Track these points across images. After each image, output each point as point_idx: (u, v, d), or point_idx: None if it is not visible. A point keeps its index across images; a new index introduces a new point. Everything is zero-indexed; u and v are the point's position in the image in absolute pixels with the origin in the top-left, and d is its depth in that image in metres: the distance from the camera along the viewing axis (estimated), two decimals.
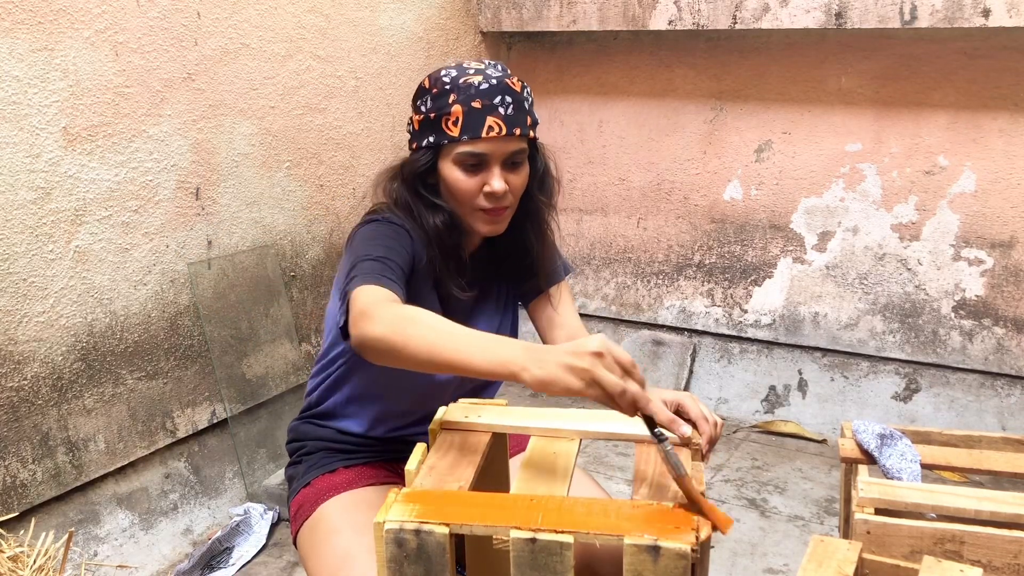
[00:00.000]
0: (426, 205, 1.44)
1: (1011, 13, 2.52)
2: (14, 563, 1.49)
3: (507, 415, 1.32)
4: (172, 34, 2.23)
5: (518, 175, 1.44)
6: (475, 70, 1.40)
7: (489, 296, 1.59)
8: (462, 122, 1.36)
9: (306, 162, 2.71)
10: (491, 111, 1.36)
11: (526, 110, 1.41)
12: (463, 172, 1.40)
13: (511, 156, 1.40)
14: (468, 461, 1.18)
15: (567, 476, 1.16)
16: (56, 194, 2.03)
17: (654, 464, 1.18)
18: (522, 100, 1.40)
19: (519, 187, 1.45)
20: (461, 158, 1.39)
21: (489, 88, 1.37)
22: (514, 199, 1.45)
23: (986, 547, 1.41)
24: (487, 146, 1.37)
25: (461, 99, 1.36)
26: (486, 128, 1.36)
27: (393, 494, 1.06)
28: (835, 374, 3.12)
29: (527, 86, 1.44)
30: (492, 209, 1.42)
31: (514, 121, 1.38)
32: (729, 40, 3.11)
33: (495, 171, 1.39)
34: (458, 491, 1.10)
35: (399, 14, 2.97)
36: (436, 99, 1.39)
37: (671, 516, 1.00)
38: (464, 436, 1.26)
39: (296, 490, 1.58)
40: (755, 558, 2.29)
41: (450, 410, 1.33)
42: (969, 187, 2.85)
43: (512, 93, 1.39)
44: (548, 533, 0.97)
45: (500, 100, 1.37)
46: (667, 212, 3.35)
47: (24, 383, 2.01)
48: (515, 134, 1.38)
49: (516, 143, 1.40)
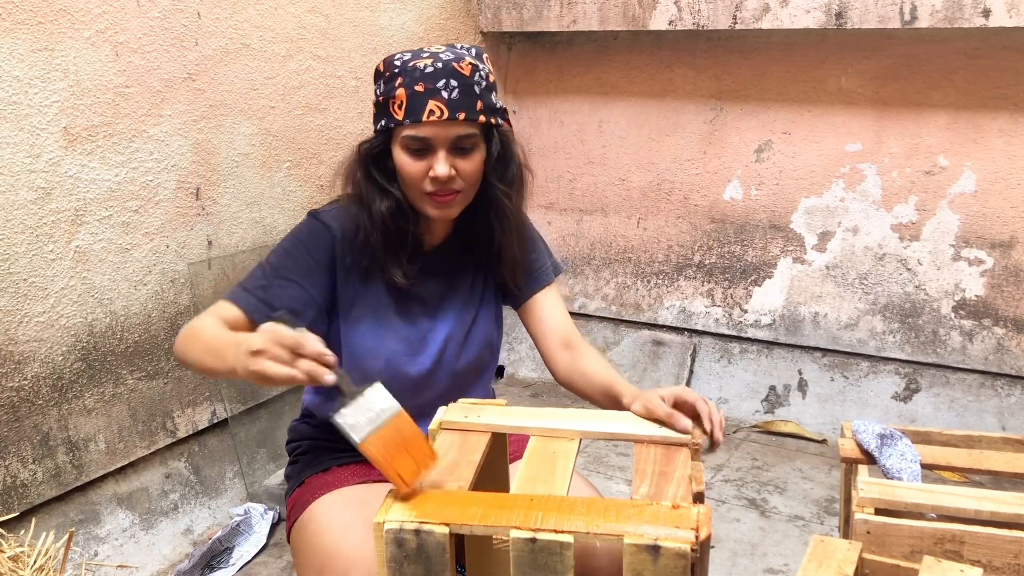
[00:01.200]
0: (378, 189, 1.43)
1: (1011, 13, 2.52)
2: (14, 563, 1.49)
3: (506, 415, 1.32)
4: (172, 34, 2.24)
5: (468, 160, 1.40)
6: (429, 54, 1.38)
7: (459, 289, 1.56)
8: (405, 106, 1.35)
9: (306, 162, 2.71)
10: (433, 95, 1.34)
11: (476, 94, 1.37)
12: (409, 156, 1.38)
13: (457, 141, 1.37)
14: (468, 461, 1.18)
15: (567, 476, 1.16)
16: (56, 194, 2.03)
17: (653, 463, 1.18)
18: (471, 84, 1.36)
19: (470, 173, 1.40)
20: (406, 142, 1.37)
21: (433, 72, 1.34)
22: (465, 184, 1.41)
23: (986, 547, 1.41)
24: (429, 130, 1.35)
25: (406, 82, 1.35)
26: (427, 112, 1.33)
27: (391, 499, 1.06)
28: (835, 374, 3.12)
29: (486, 71, 1.39)
30: (440, 193, 1.39)
31: (458, 105, 1.35)
32: (729, 40, 3.11)
33: (440, 156, 1.37)
34: (458, 491, 1.10)
35: (399, 14, 2.97)
36: (387, 82, 1.39)
37: (670, 516, 1.00)
38: (464, 436, 1.26)
39: (291, 489, 1.60)
40: (755, 558, 2.29)
41: (450, 410, 1.33)
42: (969, 187, 2.85)
43: (458, 76, 1.35)
44: (548, 533, 0.97)
45: (444, 84, 1.34)
46: (667, 212, 3.35)
47: (24, 383, 2.02)
48: (458, 118, 1.35)
49: (461, 127, 1.36)
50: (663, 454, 1.21)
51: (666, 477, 1.14)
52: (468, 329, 1.57)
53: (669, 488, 1.11)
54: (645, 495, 1.10)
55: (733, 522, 2.47)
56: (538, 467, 1.18)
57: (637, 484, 1.13)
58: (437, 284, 1.53)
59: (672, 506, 1.02)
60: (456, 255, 1.55)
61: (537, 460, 1.20)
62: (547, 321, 1.59)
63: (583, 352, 1.54)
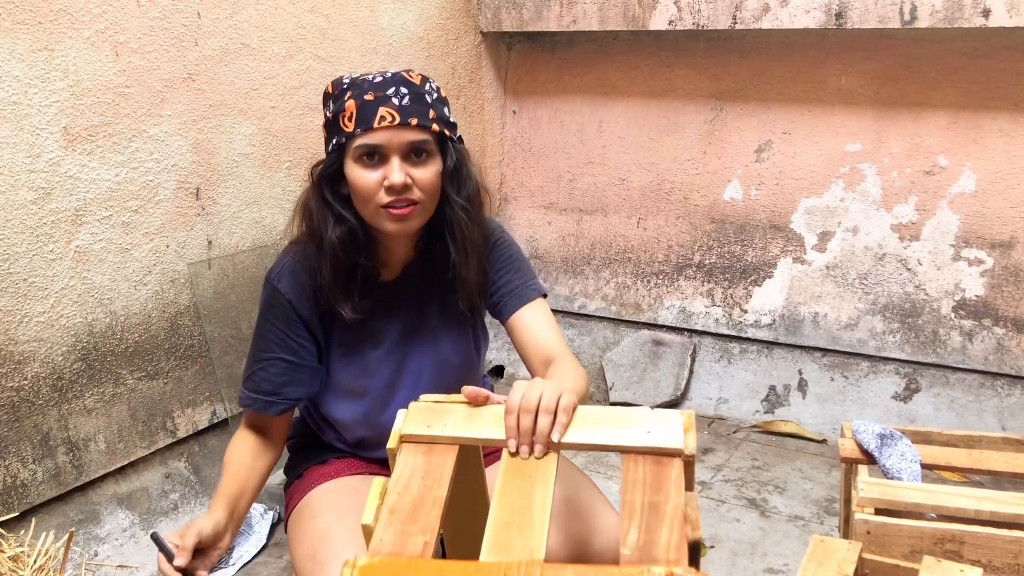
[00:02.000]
0: (332, 214, 1.40)
1: (1011, 13, 2.52)
2: (14, 563, 1.49)
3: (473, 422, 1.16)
4: (172, 34, 2.24)
5: (423, 168, 1.36)
6: (378, 71, 1.39)
7: (429, 317, 1.52)
8: (356, 115, 1.33)
9: (306, 162, 2.70)
10: (384, 101, 1.33)
11: (428, 103, 1.36)
12: (362, 168, 1.35)
13: (410, 146, 1.35)
14: (433, 499, 1.04)
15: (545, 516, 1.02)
16: (56, 194, 2.03)
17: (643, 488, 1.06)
18: (422, 93, 1.36)
19: (425, 180, 1.37)
20: (358, 152, 1.35)
21: (383, 81, 1.34)
22: (423, 195, 1.37)
23: (986, 547, 1.41)
24: (381, 136, 1.33)
25: (355, 94, 1.34)
26: (378, 118, 1.32)
27: (348, 568, 0.95)
28: (835, 374, 3.12)
29: (435, 84, 1.39)
30: (396, 205, 1.35)
31: (409, 111, 1.33)
32: (729, 40, 3.11)
33: (393, 163, 1.34)
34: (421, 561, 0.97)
35: (399, 14, 2.97)
36: (336, 100, 1.38)
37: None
38: (428, 456, 1.11)
39: (290, 481, 1.62)
40: (755, 558, 2.30)
41: (409, 418, 1.17)
42: (969, 187, 2.85)
43: (408, 84, 1.35)
44: None
45: (394, 91, 1.33)
46: (667, 212, 3.35)
47: (24, 383, 2.02)
48: (410, 123, 1.33)
49: (414, 133, 1.34)
50: (653, 472, 1.08)
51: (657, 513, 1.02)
52: (444, 357, 1.56)
53: (661, 533, 0.99)
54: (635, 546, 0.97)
55: (733, 522, 2.47)
56: (512, 506, 1.03)
57: (625, 526, 1.01)
58: (404, 317, 1.52)
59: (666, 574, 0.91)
60: (419, 285, 1.52)
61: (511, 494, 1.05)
62: (530, 341, 1.53)
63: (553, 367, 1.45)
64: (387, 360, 1.51)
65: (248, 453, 1.49)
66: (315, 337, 1.48)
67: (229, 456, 1.50)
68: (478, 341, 1.62)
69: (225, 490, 1.44)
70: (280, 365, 1.46)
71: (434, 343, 1.54)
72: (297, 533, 1.46)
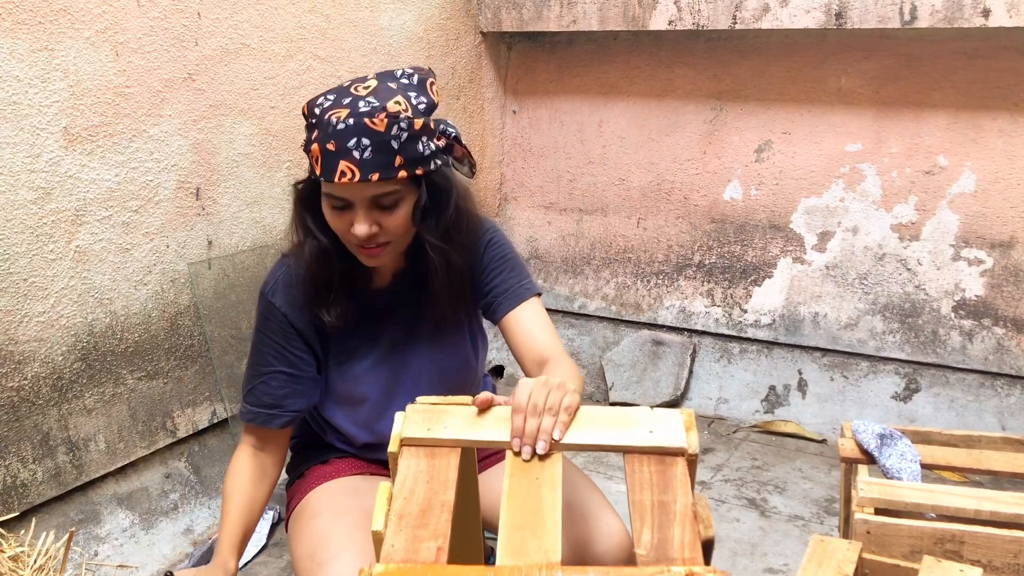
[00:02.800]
0: (307, 231, 1.40)
1: (1011, 13, 2.52)
2: (15, 563, 1.49)
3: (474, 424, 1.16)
4: (172, 34, 2.24)
5: (391, 215, 1.33)
6: (349, 100, 1.29)
7: (423, 321, 1.52)
8: (320, 163, 1.29)
9: (306, 162, 2.70)
10: (344, 154, 1.26)
11: (394, 150, 1.28)
12: (332, 211, 1.34)
13: (375, 199, 1.31)
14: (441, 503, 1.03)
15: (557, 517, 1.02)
16: (56, 194, 2.03)
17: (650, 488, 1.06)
18: (386, 140, 1.27)
19: (393, 226, 1.34)
20: (327, 198, 1.34)
21: (345, 129, 1.26)
22: (391, 237, 1.36)
23: (986, 547, 1.41)
24: (343, 191, 1.30)
25: (320, 137, 1.28)
26: (339, 173, 1.27)
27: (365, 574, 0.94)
28: (835, 374, 3.12)
29: (403, 119, 1.28)
30: (366, 246, 1.35)
31: (370, 166, 1.26)
32: (729, 40, 3.11)
33: (359, 214, 1.31)
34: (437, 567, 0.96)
35: (399, 14, 2.97)
36: (308, 131, 1.34)
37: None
38: (431, 460, 1.10)
39: (291, 481, 1.62)
40: (755, 558, 2.30)
41: (409, 420, 1.17)
42: (969, 187, 2.85)
43: (371, 134, 1.26)
44: None
45: (355, 143, 1.26)
46: (667, 212, 3.35)
47: (24, 383, 2.02)
48: (371, 179, 1.27)
49: (376, 187, 1.29)
50: (658, 472, 1.08)
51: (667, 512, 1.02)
52: (442, 361, 1.56)
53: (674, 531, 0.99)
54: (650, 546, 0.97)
55: (733, 522, 2.47)
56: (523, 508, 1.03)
57: (638, 528, 1.01)
58: (399, 323, 1.51)
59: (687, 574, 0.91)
60: (412, 290, 1.51)
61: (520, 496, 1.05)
62: (524, 342, 1.52)
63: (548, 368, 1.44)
64: (384, 366, 1.51)
65: (249, 482, 1.47)
66: (312, 348, 1.48)
67: (230, 487, 1.47)
68: (476, 343, 1.61)
69: (230, 533, 1.42)
70: (280, 378, 1.46)
71: (431, 348, 1.54)
72: (297, 532, 1.46)
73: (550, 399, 1.16)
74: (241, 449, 1.50)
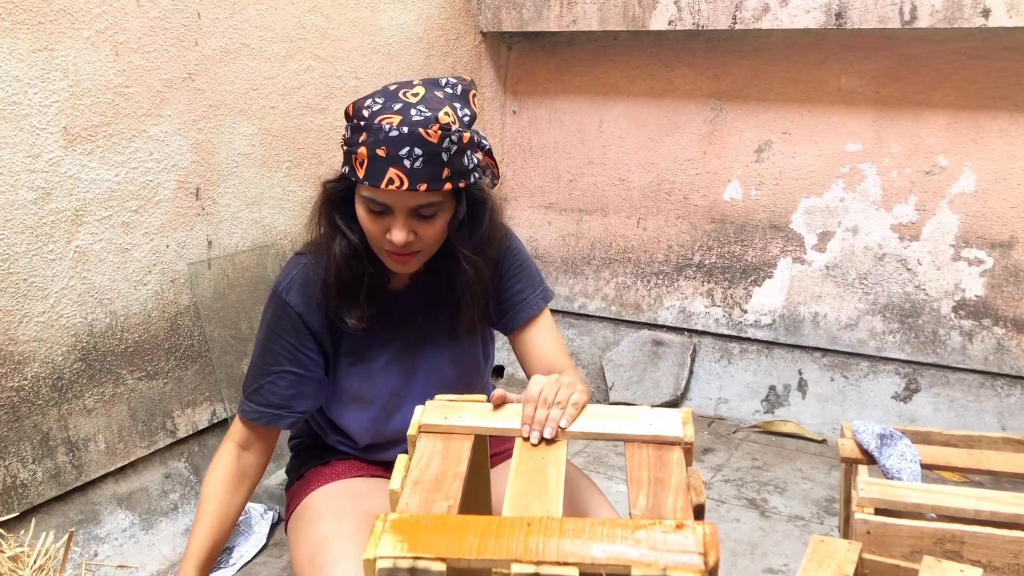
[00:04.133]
0: (338, 232, 1.40)
1: (1011, 13, 2.52)
2: (14, 563, 1.49)
3: (487, 415, 1.26)
4: (172, 34, 2.24)
5: (429, 225, 1.35)
6: (401, 106, 1.30)
7: (438, 326, 1.53)
8: (366, 166, 1.29)
9: (306, 162, 2.71)
10: (395, 162, 1.27)
11: (443, 162, 1.29)
12: (368, 215, 1.34)
13: (416, 208, 1.32)
14: (453, 474, 1.12)
15: (560, 489, 1.10)
16: (56, 194, 2.03)
17: (648, 468, 1.15)
18: (437, 152, 1.28)
19: (429, 236, 1.37)
20: (365, 201, 1.34)
21: (398, 136, 1.26)
22: (425, 245, 1.38)
23: (986, 547, 1.41)
24: (387, 197, 1.30)
25: (369, 141, 1.28)
26: (386, 180, 1.27)
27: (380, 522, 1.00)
28: (835, 374, 3.12)
29: (454, 132, 1.29)
30: (398, 253, 1.36)
31: (420, 176, 1.27)
32: (729, 40, 3.11)
33: (399, 221, 1.32)
34: (448, 515, 1.04)
35: (399, 14, 2.97)
36: (352, 132, 1.33)
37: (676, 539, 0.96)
38: (445, 441, 1.20)
39: (291, 482, 1.62)
40: (755, 558, 2.29)
41: (428, 410, 1.27)
42: (969, 187, 2.85)
43: (424, 144, 1.27)
44: (551, 566, 0.92)
45: (407, 152, 1.27)
46: (667, 212, 3.35)
47: (24, 383, 2.02)
48: (418, 189, 1.28)
49: (421, 197, 1.31)
50: (656, 456, 1.17)
51: (663, 485, 1.10)
52: (452, 365, 1.56)
53: (668, 499, 1.07)
54: (644, 509, 1.05)
55: (733, 522, 2.47)
56: (528, 479, 1.12)
57: (634, 495, 1.09)
58: (413, 326, 1.51)
59: (676, 525, 0.98)
60: (428, 294, 1.52)
61: (526, 471, 1.14)
62: (535, 356, 1.55)
63: None
64: (395, 369, 1.51)
65: (225, 490, 1.45)
66: (323, 349, 1.47)
67: (207, 492, 1.45)
68: (486, 349, 1.62)
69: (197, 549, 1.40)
70: (289, 378, 1.45)
71: (442, 352, 1.54)
72: (297, 535, 1.46)
73: (560, 394, 1.26)
74: (225, 448, 1.48)
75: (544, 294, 1.60)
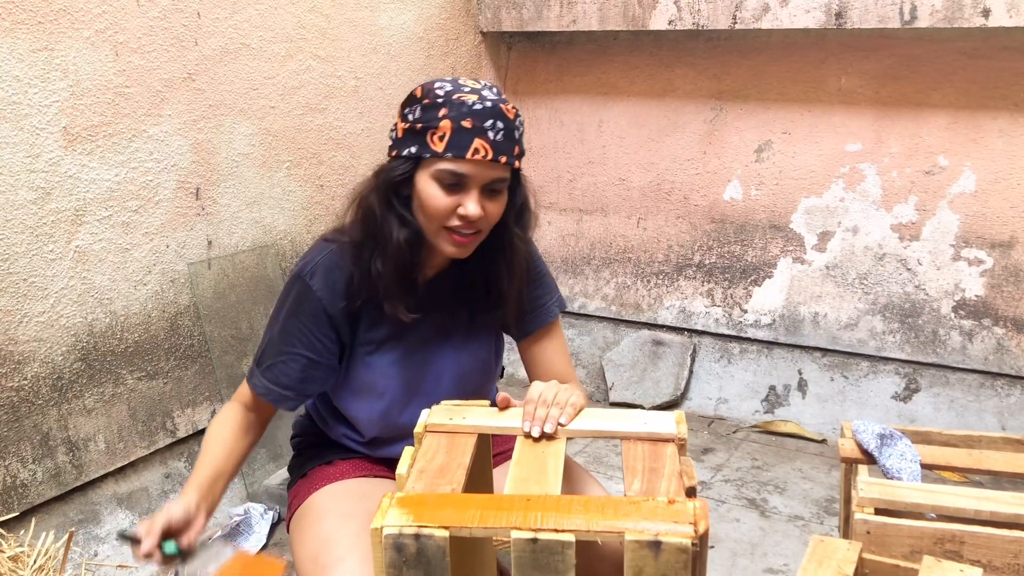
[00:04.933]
0: (396, 217, 1.39)
1: (1011, 13, 2.52)
2: (14, 563, 1.49)
3: (491, 416, 1.32)
4: (172, 34, 2.24)
5: (496, 203, 1.39)
6: (470, 88, 1.35)
7: (456, 322, 1.54)
8: (448, 138, 1.31)
9: (306, 162, 2.71)
10: (480, 133, 1.31)
11: (515, 139, 1.36)
12: (440, 189, 1.35)
13: (492, 183, 1.35)
14: (457, 464, 1.18)
15: (558, 475, 1.16)
16: (56, 194, 2.03)
17: (642, 459, 1.20)
18: (513, 128, 1.35)
19: (495, 215, 1.39)
20: (441, 175, 1.34)
21: (482, 109, 1.32)
22: (487, 226, 1.40)
23: (986, 547, 1.41)
24: (469, 168, 1.32)
25: (452, 115, 1.31)
26: (472, 150, 1.31)
27: (388, 498, 1.06)
28: (835, 374, 3.12)
29: (520, 115, 1.39)
30: (462, 232, 1.38)
31: (501, 148, 1.33)
32: (729, 40, 3.11)
33: (473, 194, 1.34)
34: (452, 493, 1.10)
35: (399, 14, 2.97)
36: (426, 110, 1.34)
37: (668, 511, 1.02)
38: (451, 439, 1.26)
39: (294, 481, 1.61)
40: (755, 558, 2.29)
41: (434, 412, 1.33)
42: (969, 187, 2.85)
43: (504, 119, 1.33)
44: (549, 533, 0.98)
45: (491, 124, 1.32)
46: (667, 212, 3.35)
47: (24, 383, 2.02)
48: (500, 161, 1.33)
49: (500, 170, 1.35)
50: (651, 450, 1.23)
51: (656, 473, 1.16)
52: (466, 362, 1.56)
53: (661, 483, 1.12)
54: (638, 491, 1.11)
55: (733, 522, 2.47)
56: (528, 467, 1.18)
57: (629, 481, 1.14)
58: (431, 320, 1.51)
59: (668, 501, 1.04)
60: (450, 291, 1.52)
61: (527, 461, 1.20)
62: (541, 366, 1.58)
63: None
64: (409, 362, 1.51)
65: (231, 435, 1.46)
66: (340, 336, 1.47)
67: (211, 435, 1.47)
68: (498, 351, 1.63)
69: (200, 474, 1.42)
70: (301, 362, 1.44)
71: (458, 349, 1.54)
72: (300, 535, 1.46)
73: (559, 396, 1.33)
74: (231, 406, 1.49)
75: (559, 302, 1.63)
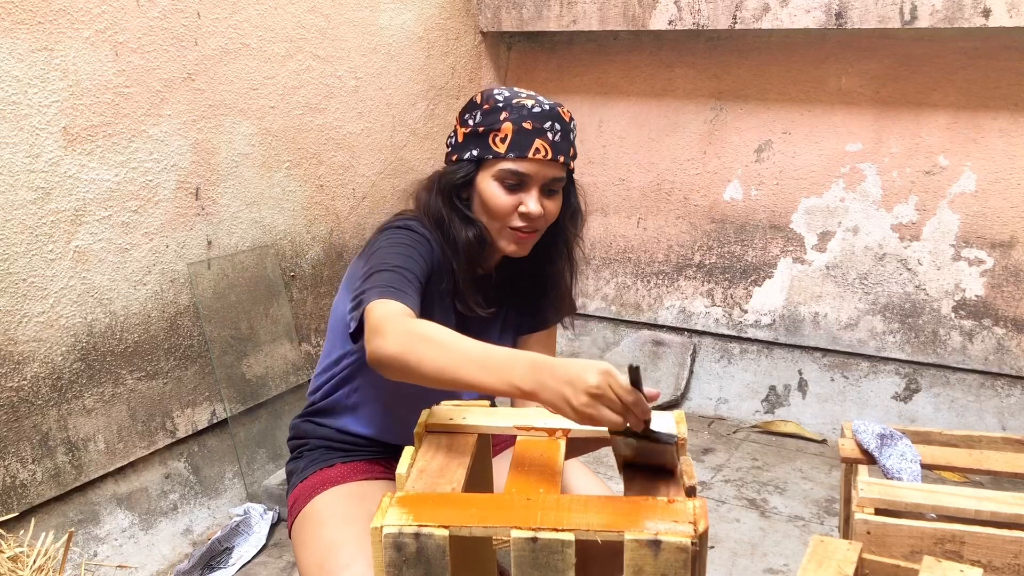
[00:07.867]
0: (460, 217, 1.46)
1: (1011, 13, 2.52)
2: (14, 563, 1.49)
3: (492, 416, 1.32)
4: (172, 34, 2.23)
5: (553, 202, 1.46)
6: (527, 94, 1.44)
7: (495, 320, 1.58)
8: (510, 140, 1.39)
9: (306, 162, 2.71)
10: (540, 134, 1.39)
11: (571, 141, 1.45)
12: (502, 189, 1.42)
13: (550, 182, 1.43)
14: (457, 463, 1.19)
15: (557, 475, 1.16)
16: (56, 194, 2.03)
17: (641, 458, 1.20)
18: (569, 130, 1.44)
19: (553, 214, 1.47)
20: (503, 175, 1.41)
21: (541, 112, 1.40)
22: (544, 225, 1.47)
23: (986, 547, 1.41)
24: (531, 167, 1.40)
25: (513, 117, 1.39)
26: (533, 149, 1.39)
27: (388, 497, 1.06)
28: (835, 374, 3.12)
29: (574, 119, 1.47)
30: (524, 230, 1.44)
31: (559, 148, 1.41)
32: (729, 40, 3.11)
33: (533, 193, 1.42)
34: (452, 493, 1.10)
35: (399, 14, 2.97)
36: (487, 114, 1.42)
37: (668, 511, 1.02)
38: (451, 438, 1.26)
39: (294, 484, 1.61)
40: (755, 558, 2.29)
41: (435, 412, 1.33)
42: (969, 187, 2.85)
43: (561, 121, 1.42)
44: (549, 532, 0.98)
45: (550, 125, 1.40)
46: (667, 212, 3.35)
47: (24, 383, 2.01)
48: (558, 160, 1.41)
49: (557, 170, 1.43)
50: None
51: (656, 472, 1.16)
52: None
53: (660, 486, 1.12)
54: (638, 491, 1.11)
55: (733, 522, 2.47)
56: (528, 467, 1.19)
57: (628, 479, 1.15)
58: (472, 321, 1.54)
59: (668, 501, 1.04)
60: (499, 288, 1.58)
61: (527, 460, 1.21)
62: None
63: None
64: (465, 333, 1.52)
65: None
66: None
67: (445, 335, 1.20)
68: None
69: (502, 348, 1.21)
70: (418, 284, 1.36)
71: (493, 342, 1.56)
72: (304, 540, 1.45)
73: None
74: (407, 320, 1.25)
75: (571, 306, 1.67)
